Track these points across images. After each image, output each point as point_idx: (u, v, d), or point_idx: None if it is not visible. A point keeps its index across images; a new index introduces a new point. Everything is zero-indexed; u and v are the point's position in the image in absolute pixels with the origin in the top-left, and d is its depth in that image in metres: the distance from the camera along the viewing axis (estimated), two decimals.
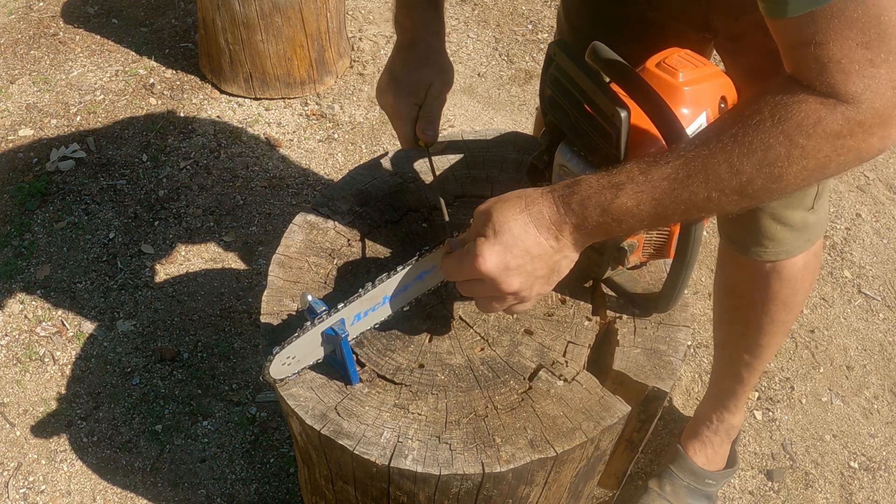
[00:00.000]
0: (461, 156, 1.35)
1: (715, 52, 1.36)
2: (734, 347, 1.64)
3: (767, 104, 0.80)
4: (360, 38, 3.02)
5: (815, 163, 0.80)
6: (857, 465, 1.95)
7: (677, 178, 0.83)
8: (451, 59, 1.31)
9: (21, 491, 1.82)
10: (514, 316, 1.13)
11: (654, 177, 0.84)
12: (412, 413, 1.03)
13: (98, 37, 2.97)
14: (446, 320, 1.13)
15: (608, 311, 1.15)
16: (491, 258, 0.89)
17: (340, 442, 0.99)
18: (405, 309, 1.11)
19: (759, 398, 2.07)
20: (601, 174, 0.89)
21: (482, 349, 1.10)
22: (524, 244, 0.90)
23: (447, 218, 1.18)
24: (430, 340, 1.11)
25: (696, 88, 1.00)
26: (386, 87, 1.24)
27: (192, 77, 2.81)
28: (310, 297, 1.01)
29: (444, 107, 1.27)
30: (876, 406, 2.07)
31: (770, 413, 2.04)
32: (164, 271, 2.24)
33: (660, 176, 0.84)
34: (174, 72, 2.83)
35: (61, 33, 2.98)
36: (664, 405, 1.17)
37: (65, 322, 2.12)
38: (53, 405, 1.96)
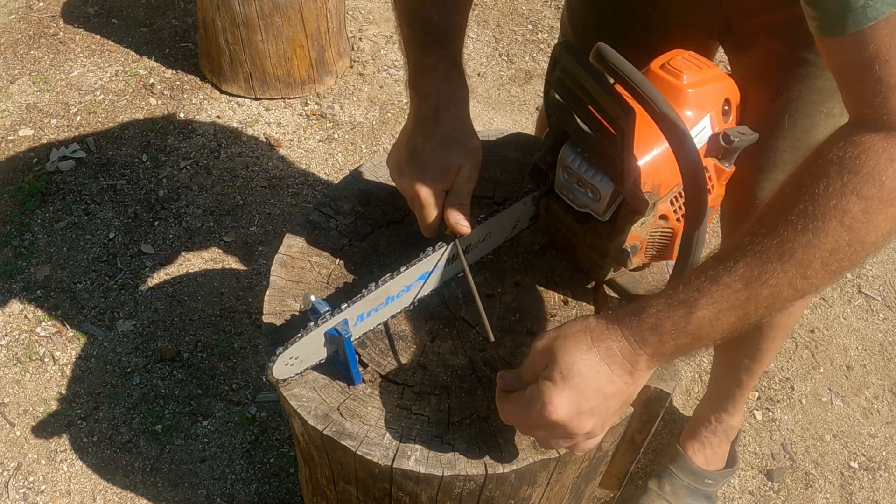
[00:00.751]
0: None
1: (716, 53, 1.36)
2: (734, 350, 1.65)
3: (832, 164, 0.74)
4: (360, 38, 3.02)
5: (894, 209, 0.74)
6: (857, 465, 1.95)
7: (753, 276, 0.77)
8: None
9: (21, 491, 1.81)
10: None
11: (728, 281, 0.77)
12: (415, 413, 1.02)
13: (98, 37, 2.97)
14: (449, 321, 1.13)
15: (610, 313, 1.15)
16: (562, 405, 0.82)
17: (343, 442, 0.99)
18: (408, 309, 1.11)
19: (759, 398, 2.07)
20: (666, 293, 0.82)
21: (484, 350, 1.10)
22: (596, 385, 0.82)
23: (492, 337, 1.05)
24: (432, 341, 1.11)
25: (700, 91, 1.00)
26: (408, 168, 1.06)
27: (192, 77, 2.81)
28: (313, 298, 1.00)
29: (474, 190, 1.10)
30: (876, 406, 2.07)
31: (770, 413, 2.04)
32: (164, 271, 2.24)
33: (733, 279, 0.77)
34: (174, 72, 2.83)
35: (61, 33, 2.98)
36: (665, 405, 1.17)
37: (65, 322, 2.11)
38: (53, 405, 1.96)
